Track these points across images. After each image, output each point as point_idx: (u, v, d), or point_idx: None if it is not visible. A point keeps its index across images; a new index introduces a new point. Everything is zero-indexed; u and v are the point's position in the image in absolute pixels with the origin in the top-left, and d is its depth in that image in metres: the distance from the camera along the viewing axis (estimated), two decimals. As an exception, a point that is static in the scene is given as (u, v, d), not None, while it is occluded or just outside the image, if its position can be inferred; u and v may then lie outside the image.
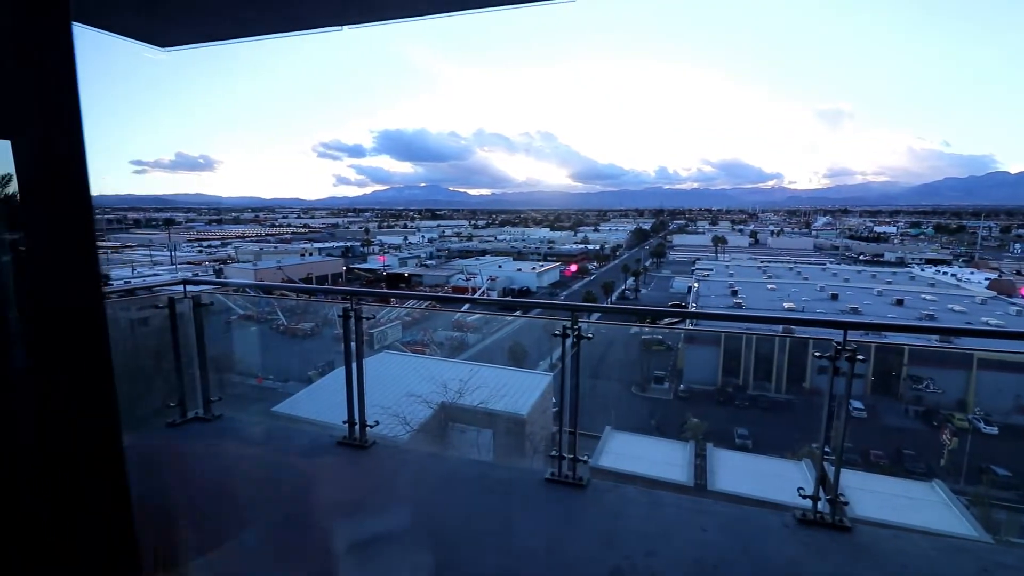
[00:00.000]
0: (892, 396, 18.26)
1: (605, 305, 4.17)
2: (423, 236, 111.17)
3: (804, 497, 2.58)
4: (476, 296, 47.34)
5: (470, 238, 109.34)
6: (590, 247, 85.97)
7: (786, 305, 32.64)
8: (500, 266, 62.75)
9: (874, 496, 7.59)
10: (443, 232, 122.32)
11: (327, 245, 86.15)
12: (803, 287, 40.15)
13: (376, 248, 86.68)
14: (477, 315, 20.20)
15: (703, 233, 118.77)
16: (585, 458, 2.89)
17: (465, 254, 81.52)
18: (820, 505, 2.54)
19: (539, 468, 3.01)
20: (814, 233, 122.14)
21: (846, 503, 2.54)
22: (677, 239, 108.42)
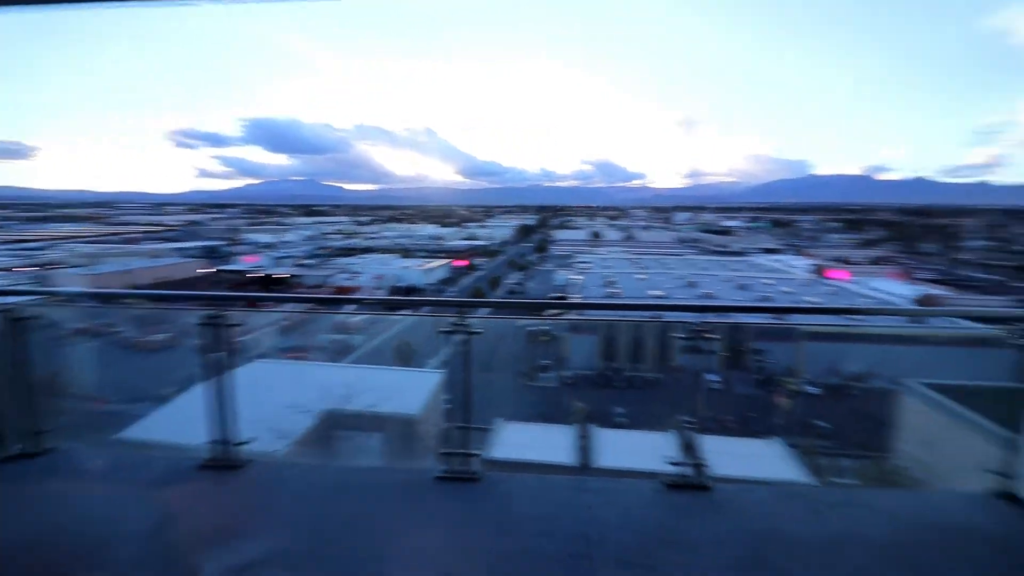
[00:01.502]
0: (740, 368, 21.05)
1: (492, 300, 4.22)
2: (300, 234, 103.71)
3: (672, 464, 2.89)
4: (361, 296, 45.44)
5: (352, 235, 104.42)
6: (477, 243, 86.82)
7: (654, 292, 35.95)
8: (386, 264, 60.83)
9: (729, 456, 8.70)
10: (323, 230, 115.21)
11: (186, 245, 76.51)
12: (667, 276, 44.51)
13: (245, 247, 78.99)
14: (363, 315, 19.41)
15: (581, 228, 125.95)
16: (477, 452, 2.94)
17: (348, 252, 77.67)
18: (686, 470, 2.87)
19: (432, 467, 2.99)
20: (675, 228, 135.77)
21: (706, 465, 2.90)
22: (559, 234, 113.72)
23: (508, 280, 55.76)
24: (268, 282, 53.83)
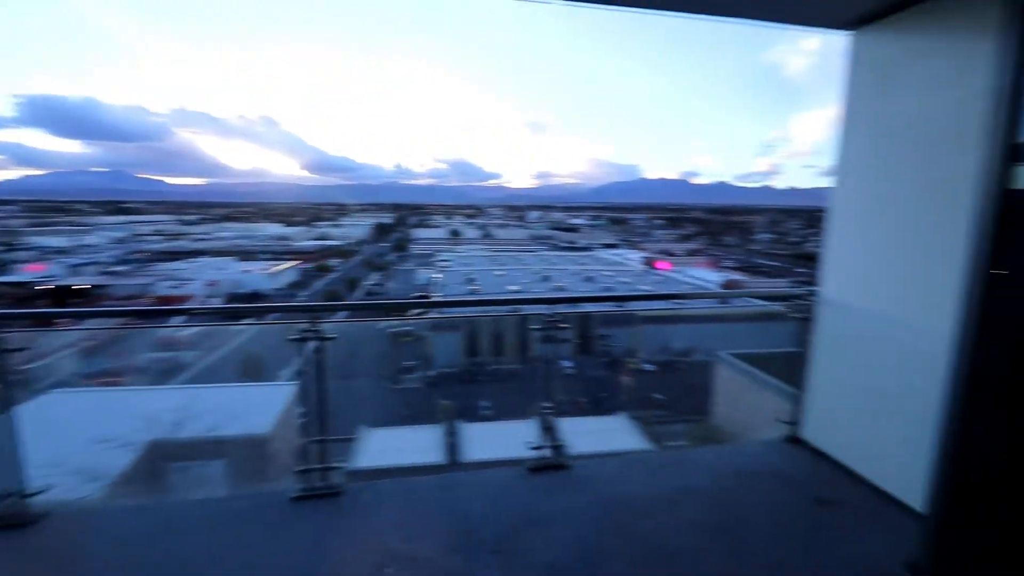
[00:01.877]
0: (589, 353, 23.02)
1: (347, 303, 4.02)
2: (107, 236, 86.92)
3: (534, 449, 3.07)
4: (191, 306, 39.74)
5: (177, 236, 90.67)
6: (331, 243, 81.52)
7: (512, 287, 37.49)
8: (222, 268, 53.91)
9: (584, 435, 9.47)
10: (137, 230, 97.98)
11: (-72, 252, 59.18)
12: (523, 271, 46.75)
13: (30, 254, 63.77)
14: (196, 328, 17.04)
15: (440, 227, 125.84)
16: (337, 465, 2.78)
17: (172, 256, 67.18)
18: (546, 452, 3.06)
19: (288, 488, 2.76)
20: (529, 225, 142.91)
21: (563, 446, 3.13)
22: (417, 233, 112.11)
23: (366, 281, 53.40)
24: (63, 295, 44.23)
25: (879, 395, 2.76)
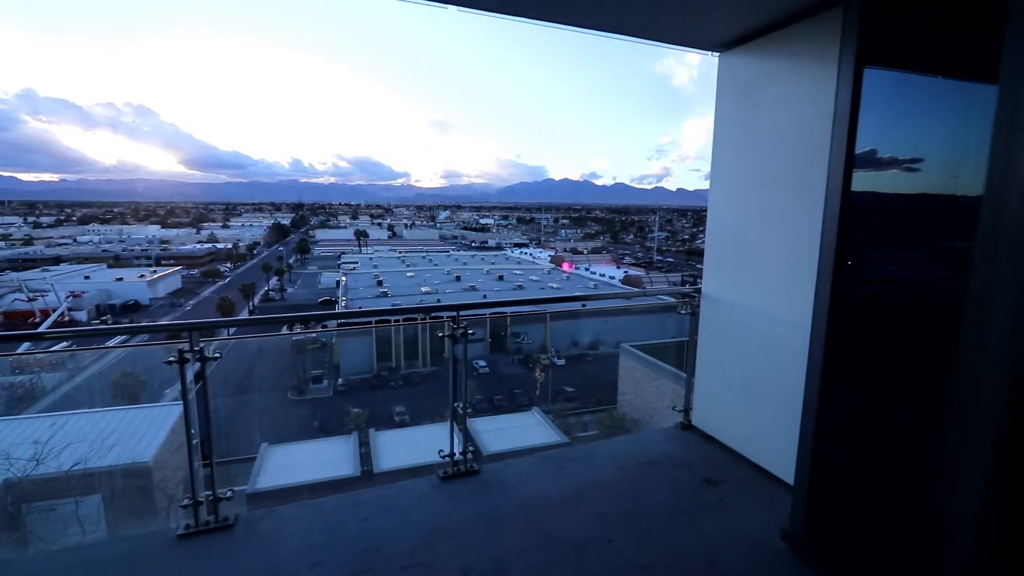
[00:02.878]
0: (504, 351, 23.32)
1: (234, 319, 3.75)
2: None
3: (444, 456, 3.05)
4: (49, 323, 34.49)
5: (30, 241, 78.31)
6: (220, 246, 74.76)
7: (423, 289, 36.88)
8: (87, 276, 47.29)
9: (498, 432, 9.60)
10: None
11: None
12: (434, 272, 46.19)
13: None
14: (55, 352, 14.86)
15: (345, 228, 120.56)
16: (228, 494, 2.55)
17: (25, 263, 57.84)
18: (457, 457, 3.06)
19: (175, 525, 2.49)
20: (438, 225, 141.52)
21: (475, 449, 3.14)
22: (320, 234, 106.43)
23: (264, 286, 49.67)
24: None
25: (754, 382, 3.10)
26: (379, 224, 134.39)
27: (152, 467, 6.15)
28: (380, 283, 38.12)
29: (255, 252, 75.96)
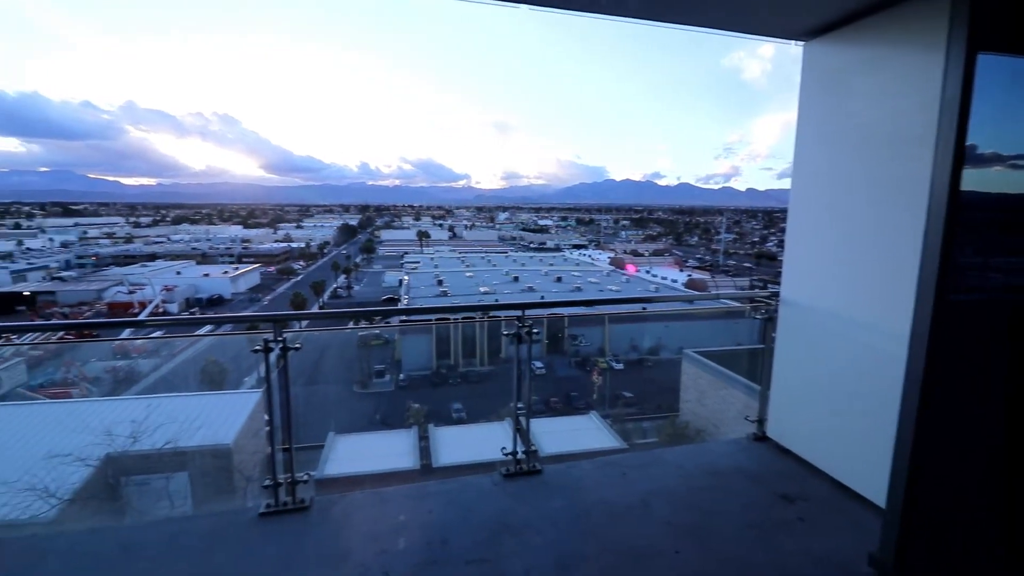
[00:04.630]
0: (560, 353, 23.20)
1: (314, 312, 3.92)
2: (52, 239, 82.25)
3: (507, 454, 3.06)
4: (146, 314, 38.00)
5: (130, 239, 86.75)
6: (294, 245, 79.45)
7: (482, 289, 37.39)
8: (179, 272, 51.78)
9: (556, 435, 9.56)
10: (85, 233, 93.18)
11: None
12: (493, 272, 46.71)
13: (-41, 259, 59.74)
14: (153, 338, 16.34)
15: (408, 228, 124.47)
16: (305, 477, 2.69)
17: (126, 260, 64.19)
18: (520, 456, 3.06)
19: (254, 503, 2.66)
20: (498, 226, 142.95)
21: (536, 450, 3.13)
22: (385, 234, 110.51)
23: (333, 284, 52.27)
24: (6, 303, 41.69)
25: (839, 393, 2.87)
26: (440, 225, 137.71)
27: (233, 449, 6.61)
28: (440, 283, 39.03)
29: (325, 251, 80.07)
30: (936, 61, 2.16)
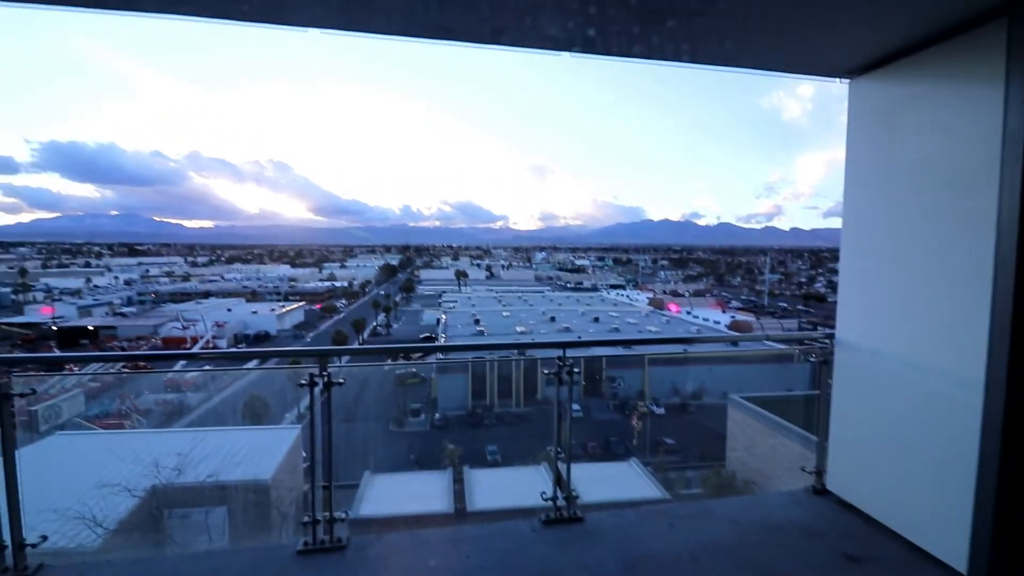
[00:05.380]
0: (598, 396, 22.60)
1: (356, 347, 4.01)
2: (117, 277, 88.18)
3: (547, 499, 2.94)
4: (197, 347, 39.71)
5: (187, 278, 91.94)
6: (338, 284, 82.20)
7: (519, 328, 37.30)
8: (230, 309, 54.25)
9: (596, 482, 9.17)
10: (147, 271, 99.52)
11: (-57, 294, 60.04)
12: (530, 312, 46.64)
13: (40, 295, 64.66)
14: (201, 370, 17.00)
15: (447, 268, 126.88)
16: (343, 516, 2.66)
17: (182, 297, 67.90)
18: (560, 502, 2.94)
19: (291, 540, 2.64)
20: (534, 266, 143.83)
21: (576, 496, 3.00)
22: (424, 274, 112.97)
23: (373, 322, 53.42)
24: (72, 336, 44.51)
25: (907, 443, 2.65)
26: (478, 264, 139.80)
27: (271, 485, 6.66)
28: (477, 321, 39.23)
29: (367, 290, 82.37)
30: (994, 93, 2.07)
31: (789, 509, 3.06)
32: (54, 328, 44.96)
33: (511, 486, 9.14)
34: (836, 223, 3.16)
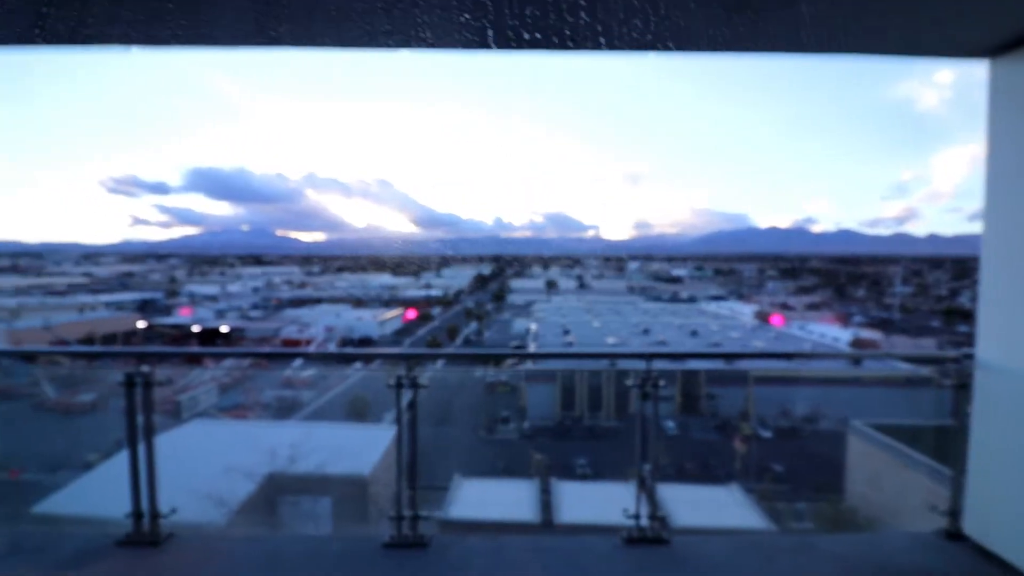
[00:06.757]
0: (696, 414, 21.36)
1: (441, 351, 4.16)
2: (246, 285, 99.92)
3: (631, 517, 2.83)
4: (310, 349, 43.68)
5: (303, 285, 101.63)
6: (433, 292, 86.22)
7: (609, 340, 36.50)
8: (338, 315, 59.15)
9: (689, 504, 8.65)
10: (271, 280, 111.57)
11: (118, 298, 71.73)
12: (621, 323, 45.47)
13: (185, 300, 75.13)
14: (312, 370, 18.64)
15: (537, 278, 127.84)
16: (426, 515, 2.78)
17: (298, 303, 75.23)
18: (644, 522, 2.81)
19: (381, 532, 2.80)
20: (627, 276, 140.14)
21: (664, 517, 2.85)
22: (515, 283, 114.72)
23: (465, 330, 55.28)
24: (209, 336, 51.12)
25: None
26: (568, 275, 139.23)
27: (368, 480, 7.10)
28: (567, 332, 39.01)
29: (460, 299, 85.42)
30: None
31: (913, 553, 2.66)
32: (195, 329, 52.02)
33: (599, 501, 8.89)
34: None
